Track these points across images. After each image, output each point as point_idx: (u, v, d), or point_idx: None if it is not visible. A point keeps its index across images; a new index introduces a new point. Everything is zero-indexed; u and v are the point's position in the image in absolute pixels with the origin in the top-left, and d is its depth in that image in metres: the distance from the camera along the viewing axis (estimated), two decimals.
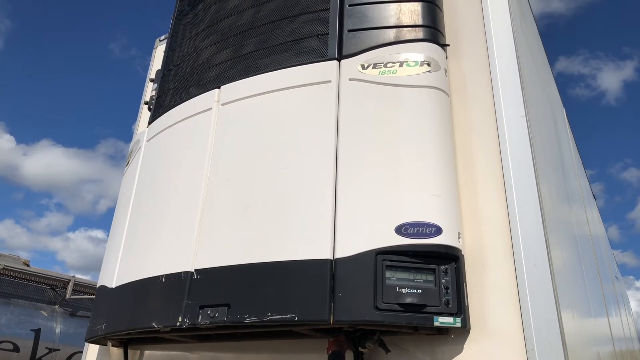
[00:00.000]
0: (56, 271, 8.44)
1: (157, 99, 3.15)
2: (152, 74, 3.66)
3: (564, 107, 5.22)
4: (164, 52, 3.37)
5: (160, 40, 4.13)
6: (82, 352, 3.27)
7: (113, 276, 2.62)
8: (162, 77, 3.20)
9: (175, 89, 2.96)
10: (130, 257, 2.61)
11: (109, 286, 2.61)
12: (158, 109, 3.05)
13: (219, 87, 2.63)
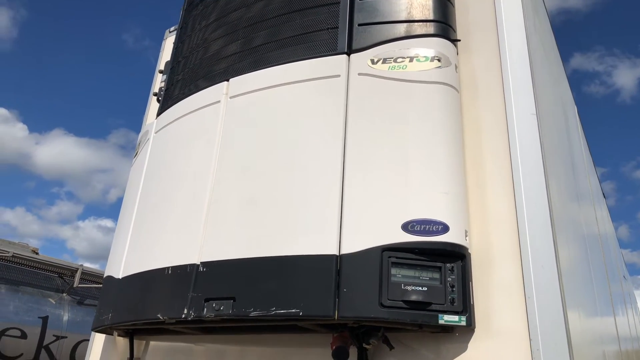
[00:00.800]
0: (65, 259, 8.52)
1: (165, 90, 3.15)
2: (161, 65, 3.66)
3: (576, 104, 5.16)
4: (174, 43, 3.37)
5: (169, 32, 4.12)
6: (89, 340, 3.30)
7: (120, 267, 2.63)
8: (171, 68, 3.20)
9: (184, 81, 2.96)
10: (137, 248, 2.62)
11: (116, 277, 2.62)
12: (167, 100, 3.05)
13: (227, 80, 2.63)
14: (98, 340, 3.16)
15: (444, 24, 2.37)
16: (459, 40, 2.42)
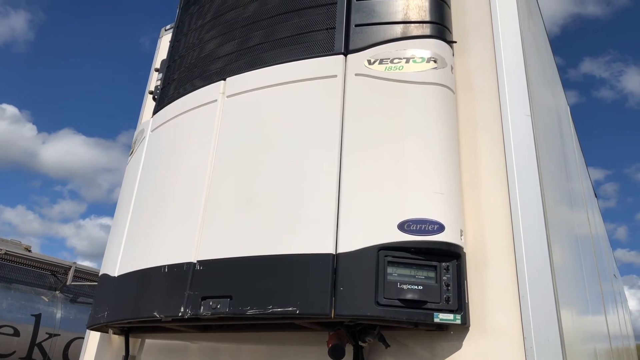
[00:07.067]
0: (64, 258, 8.48)
1: (162, 89, 3.15)
2: (157, 64, 3.66)
3: (569, 106, 5.21)
4: (170, 42, 3.37)
5: (165, 30, 4.12)
6: (82, 337, 3.30)
7: (116, 265, 2.63)
8: (167, 67, 3.20)
9: (180, 80, 2.96)
10: (133, 246, 2.62)
11: (112, 275, 2.62)
12: (163, 99, 3.05)
13: (224, 79, 2.63)
14: (93, 338, 3.16)
15: (440, 25, 2.39)
16: (455, 42, 2.44)
